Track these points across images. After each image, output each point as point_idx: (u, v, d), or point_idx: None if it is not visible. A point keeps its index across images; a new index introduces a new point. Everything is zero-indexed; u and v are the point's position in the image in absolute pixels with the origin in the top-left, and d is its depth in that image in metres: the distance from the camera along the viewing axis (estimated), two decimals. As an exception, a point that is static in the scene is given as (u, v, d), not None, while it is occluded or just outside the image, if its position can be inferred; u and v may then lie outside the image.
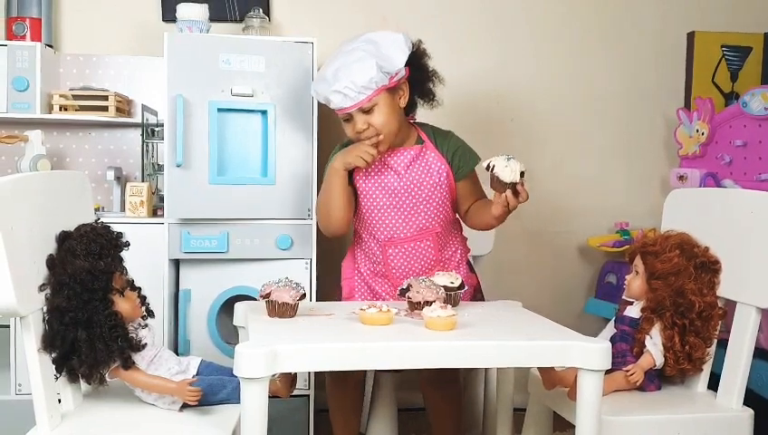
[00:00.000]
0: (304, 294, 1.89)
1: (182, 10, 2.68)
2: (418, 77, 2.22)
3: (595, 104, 3.27)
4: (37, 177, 1.94)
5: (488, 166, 1.97)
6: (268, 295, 1.85)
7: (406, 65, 2.15)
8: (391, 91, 2.14)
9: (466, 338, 1.65)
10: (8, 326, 2.55)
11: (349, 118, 2.15)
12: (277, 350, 1.52)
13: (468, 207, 2.28)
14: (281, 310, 1.84)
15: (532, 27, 3.22)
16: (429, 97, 2.27)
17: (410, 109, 2.27)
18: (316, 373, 2.63)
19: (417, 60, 2.20)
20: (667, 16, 3.27)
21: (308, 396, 2.64)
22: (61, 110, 2.73)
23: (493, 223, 2.15)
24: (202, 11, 2.69)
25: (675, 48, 3.27)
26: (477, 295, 2.34)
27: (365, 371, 2.41)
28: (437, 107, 2.29)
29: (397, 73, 2.13)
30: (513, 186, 1.96)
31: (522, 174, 1.95)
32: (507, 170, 1.94)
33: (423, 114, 2.34)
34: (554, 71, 3.23)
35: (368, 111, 2.11)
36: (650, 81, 3.28)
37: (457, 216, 2.33)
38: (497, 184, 1.98)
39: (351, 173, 2.21)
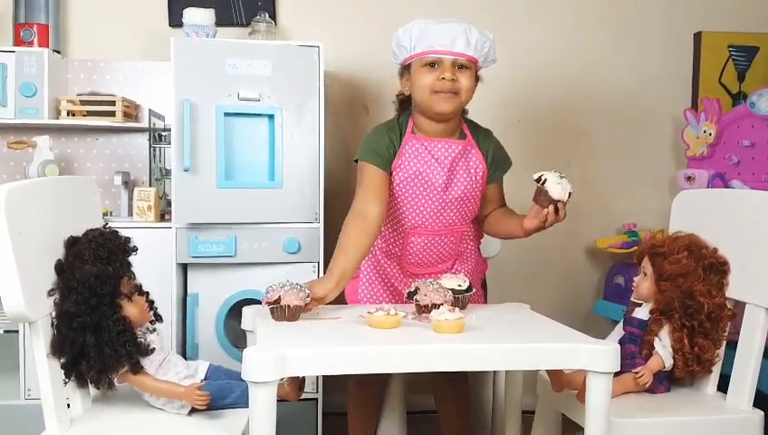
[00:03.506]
0: (309, 295, 1.89)
1: (189, 15, 2.69)
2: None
3: (602, 105, 3.26)
4: (46, 182, 1.95)
5: (539, 178, 1.94)
6: (278, 301, 1.84)
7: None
8: (476, 72, 2.14)
9: (475, 341, 1.64)
10: (17, 331, 2.56)
11: (437, 64, 2.07)
12: (285, 354, 1.52)
13: (490, 212, 2.26)
14: (291, 313, 1.84)
15: (539, 29, 3.22)
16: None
17: None
18: (324, 377, 2.63)
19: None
20: (674, 17, 3.26)
21: (316, 400, 2.64)
22: (68, 115, 2.74)
23: (518, 234, 2.11)
24: (208, 16, 2.70)
25: (682, 48, 3.26)
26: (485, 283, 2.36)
27: (388, 376, 2.39)
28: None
29: (483, 64, 2.15)
30: (556, 203, 1.94)
31: (569, 195, 1.94)
32: (558, 187, 1.91)
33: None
34: (561, 72, 3.23)
35: (461, 69, 2.08)
36: (657, 81, 3.27)
37: None
38: (543, 198, 1.94)
39: (392, 160, 2.15)
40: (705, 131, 2.97)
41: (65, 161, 2.92)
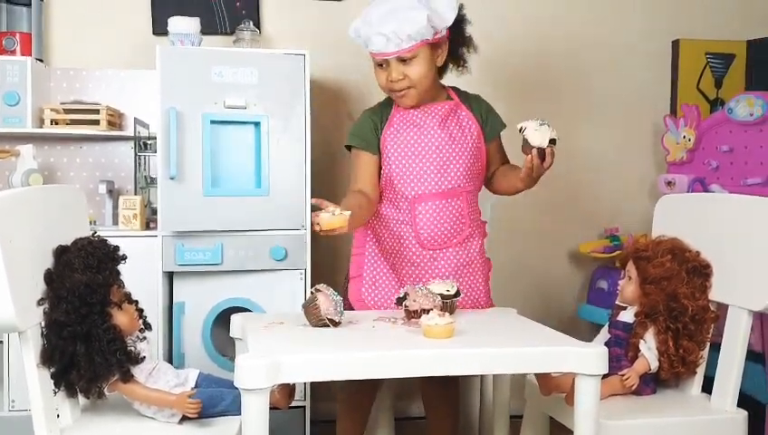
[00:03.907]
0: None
1: (174, 23, 2.69)
2: (457, 41, 2.21)
3: (583, 111, 3.30)
4: (34, 191, 1.94)
5: (521, 128, 1.99)
6: (316, 308, 1.84)
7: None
8: (433, 46, 2.12)
9: (464, 345, 1.66)
10: (1, 342, 2.53)
11: (384, 64, 2.12)
12: (278, 361, 1.52)
13: (494, 171, 2.29)
14: (317, 319, 1.85)
15: (517, 37, 3.25)
16: (461, 63, 2.26)
17: (441, 70, 2.25)
18: (312, 385, 2.64)
19: (458, 23, 2.18)
20: (652, 25, 3.31)
21: (304, 407, 2.64)
22: (52, 124, 2.73)
23: (519, 186, 2.14)
24: (193, 24, 2.70)
25: (660, 56, 3.31)
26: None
27: (379, 382, 2.39)
28: (467, 74, 2.29)
29: (440, 31, 2.11)
30: (542, 151, 1.97)
31: (553, 141, 1.97)
32: (537, 134, 1.95)
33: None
34: (541, 80, 3.26)
35: (406, 62, 2.09)
36: (637, 88, 3.32)
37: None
38: (526, 147, 2.00)
39: (379, 136, 2.18)
40: (684, 137, 3.02)
41: (49, 170, 2.90)
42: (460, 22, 2.20)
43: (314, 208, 1.89)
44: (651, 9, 3.31)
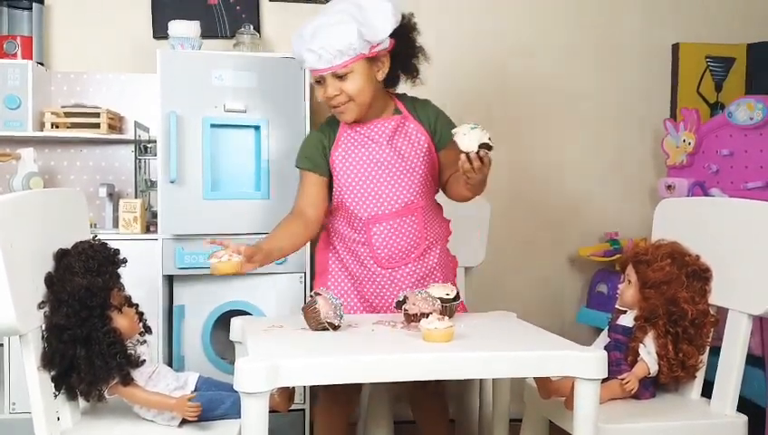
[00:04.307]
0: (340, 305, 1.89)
1: (174, 27, 2.69)
2: (404, 51, 2.11)
3: (583, 115, 3.30)
4: (35, 195, 1.95)
5: (454, 133, 1.91)
6: (315, 310, 1.84)
7: (392, 37, 2.05)
8: (370, 60, 2.04)
9: (464, 349, 1.66)
10: (1, 345, 2.54)
11: (321, 81, 2.05)
12: (278, 364, 1.52)
13: (449, 177, 2.18)
14: (316, 323, 1.85)
15: (519, 39, 3.26)
16: (413, 73, 2.17)
17: (391, 82, 2.17)
18: (312, 388, 2.63)
19: (404, 33, 2.10)
20: (652, 29, 3.32)
21: (303, 410, 2.64)
22: (52, 127, 2.73)
23: (466, 194, 2.08)
24: (194, 28, 2.71)
25: (660, 60, 3.32)
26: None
27: (357, 392, 2.35)
28: (420, 85, 2.20)
29: (379, 44, 2.02)
30: (476, 153, 1.88)
31: (486, 145, 1.88)
32: (465, 139, 1.87)
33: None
34: (541, 83, 3.27)
35: (342, 77, 2.01)
36: (637, 92, 3.32)
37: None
38: (458, 150, 1.90)
39: (328, 156, 2.13)
40: (684, 141, 3.02)
41: (49, 174, 2.91)
42: (408, 31, 2.12)
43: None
44: (651, 12, 3.32)
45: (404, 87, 2.25)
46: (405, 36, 2.10)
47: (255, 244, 1.98)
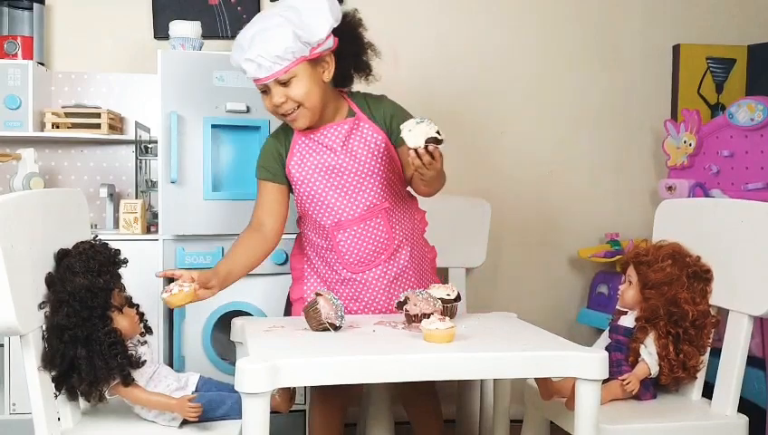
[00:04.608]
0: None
1: (175, 27, 2.69)
2: (350, 49, 2.04)
3: (583, 116, 3.30)
4: (36, 195, 1.94)
5: (401, 129, 1.84)
6: (317, 311, 1.84)
7: (336, 36, 1.98)
8: (313, 62, 1.95)
9: (466, 350, 1.66)
10: (2, 345, 2.54)
11: (266, 90, 1.98)
12: (278, 364, 1.52)
13: (411, 174, 2.03)
14: (317, 323, 1.85)
15: (520, 42, 3.26)
16: (364, 70, 2.10)
17: (343, 82, 2.10)
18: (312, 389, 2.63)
19: (349, 30, 2.04)
20: (653, 30, 3.32)
21: (304, 411, 2.64)
22: (53, 127, 2.74)
23: (422, 189, 2.03)
24: (194, 28, 2.71)
25: (661, 61, 3.32)
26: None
27: (351, 391, 2.31)
28: (374, 82, 2.13)
29: (320, 44, 1.94)
30: (425, 148, 1.80)
31: (436, 140, 1.80)
32: (411, 135, 1.80)
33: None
34: (543, 85, 3.27)
35: (285, 84, 1.94)
36: (637, 93, 3.32)
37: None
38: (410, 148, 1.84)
39: (284, 165, 2.08)
40: (685, 142, 3.02)
41: (50, 174, 2.91)
42: (353, 28, 2.06)
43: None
44: (652, 13, 3.32)
45: (383, 87, 2.14)
46: (350, 33, 2.04)
47: (214, 268, 1.96)
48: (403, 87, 2.76)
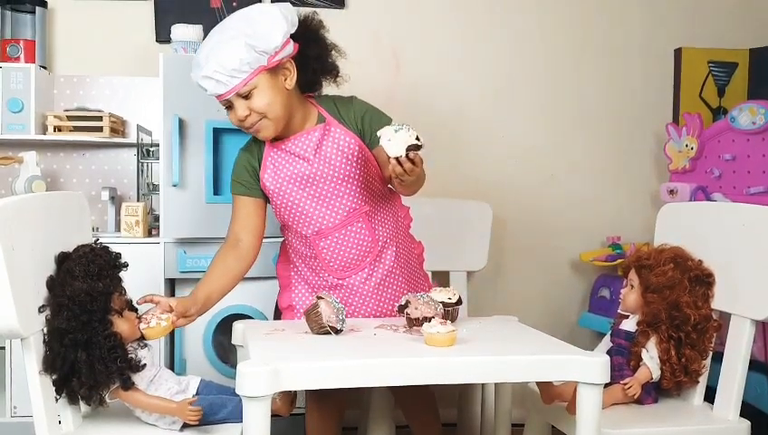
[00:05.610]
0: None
1: (177, 31, 2.70)
2: (312, 53, 2.01)
3: (585, 120, 3.30)
4: (37, 198, 1.94)
5: (379, 137, 1.81)
6: (318, 314, 1.83)
7: (296, 41, 1.96)
8: (273, 71, 1.92)
9: (467, 354, 1.65)
10: (3, 348, 2.54)
11: (230, 105, 1.94)
12: (279, 368, 1.52)
13: (389, 175, 1.97)
14: (318, 326, 1.84)
15: (520, 44, 3.26)
16: (331, 72, 2.07)
17: (310, 87, 2.08)
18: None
19: (309, 34, 2.01)
20: (655, 33, 3.32)
21: (304, 415, 2.63)
22: (55, 130, 2.74)
23: (401, 190, 2.01)
24: (196, 31, 2.71)
25: (662, 64, 3.31)
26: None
27: (347, 394, 2.33)
28: (343, 83, 2.10)
29: (277, 52, 1.90)
30: (406, 156, 1.78)
31: (416, 146, 1.76)
32: (391, 144, 1.77)
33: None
34: (544, 88, 3.27)
35: (247, 96, 1.91)
36: (639, 96, 3.32)
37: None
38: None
39: (258, 178, 2.06)
40: (686, 145, 3.02)
41: (52, 177, 2.91)
42: (314, 31, 2.03)
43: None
44: (653, 17, 3.32)
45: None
46: (311, 37, 2.02)
47: (192, 293, 1.95)
48: (404, 91, 2.77)
